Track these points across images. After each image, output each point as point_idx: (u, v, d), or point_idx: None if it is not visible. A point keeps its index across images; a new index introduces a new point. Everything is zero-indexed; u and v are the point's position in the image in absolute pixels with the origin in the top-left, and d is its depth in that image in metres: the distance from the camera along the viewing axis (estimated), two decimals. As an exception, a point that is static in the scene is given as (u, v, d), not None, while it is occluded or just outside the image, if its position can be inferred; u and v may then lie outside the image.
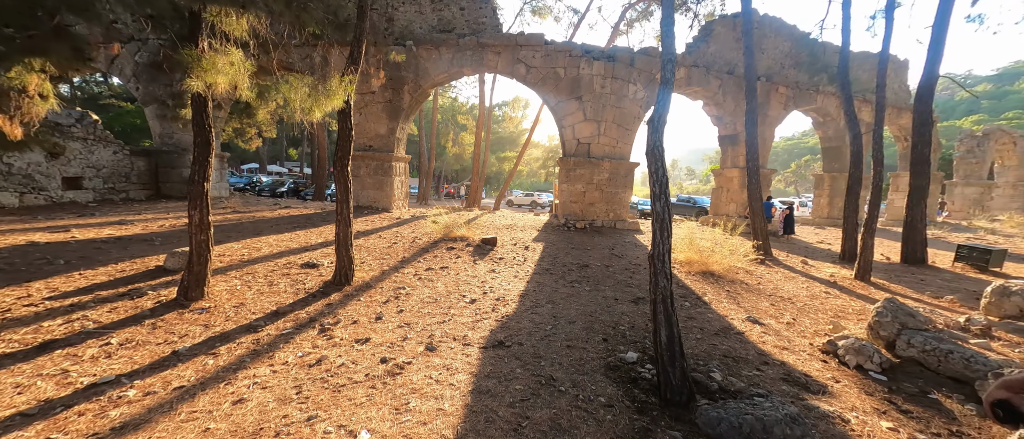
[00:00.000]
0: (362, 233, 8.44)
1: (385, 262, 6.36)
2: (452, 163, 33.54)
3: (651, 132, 3.33)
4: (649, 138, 3.33)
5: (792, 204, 12.48)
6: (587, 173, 11.12)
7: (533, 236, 9.28)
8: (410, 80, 11.35)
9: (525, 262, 6.99)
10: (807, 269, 7.82)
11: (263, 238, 7.26)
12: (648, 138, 3.35)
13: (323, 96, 4.24)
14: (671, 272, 3.06)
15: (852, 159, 8.77)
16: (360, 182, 11.67)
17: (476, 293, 5.13)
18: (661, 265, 2.99)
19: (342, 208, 4.95)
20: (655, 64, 11.55)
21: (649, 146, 3.31)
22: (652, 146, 3.29)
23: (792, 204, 12.48)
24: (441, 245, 7.71)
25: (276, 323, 3.84)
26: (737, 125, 13.42)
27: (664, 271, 2.98)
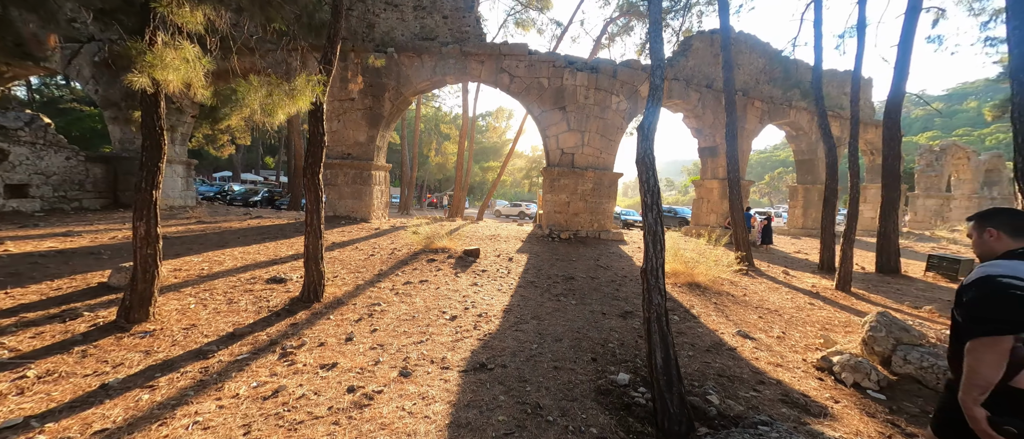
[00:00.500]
0: (338, 245, 7.99)
1: (360, 276, 5.96)
2: (435, 173, 33.09)
3: (641, 140, 3.15)
4: (639, 146, 3.14)
5: (770, 215, 12.68)
6: (571, 183, 10.99)
7: (517, 247, 9.01)
8: (391, 87, 11.03)
9: (509, 274, 6.70)
10: (789, 279, 7.81)
11: (227, 250, 6.73)
12: (638, 146, 3.16)
13: (286, 96, 3.89)
14: (665, 289, 2.84)
15: (828, 171, 8.92)
16: (337, 191, 11.18)
17: (457, 309, 4.81)
18: (655, 281, 2.76)
19: (312, 218, 4.57)
20: (637, 76, 11.62)
21: (640, 154, 3.12)
22: (643, 154, 3.09)
23: (770, 215, 12.68)
24: (421, 257, 7.34)
25: (231, 347, 3.42)
26: (716, 137, 13.63)
27: (658, 287, 2.75)
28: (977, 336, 1.37)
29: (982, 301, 1.39)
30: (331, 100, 11.05)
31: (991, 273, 1.39)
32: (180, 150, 12.22)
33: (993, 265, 1.43)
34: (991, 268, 1.42)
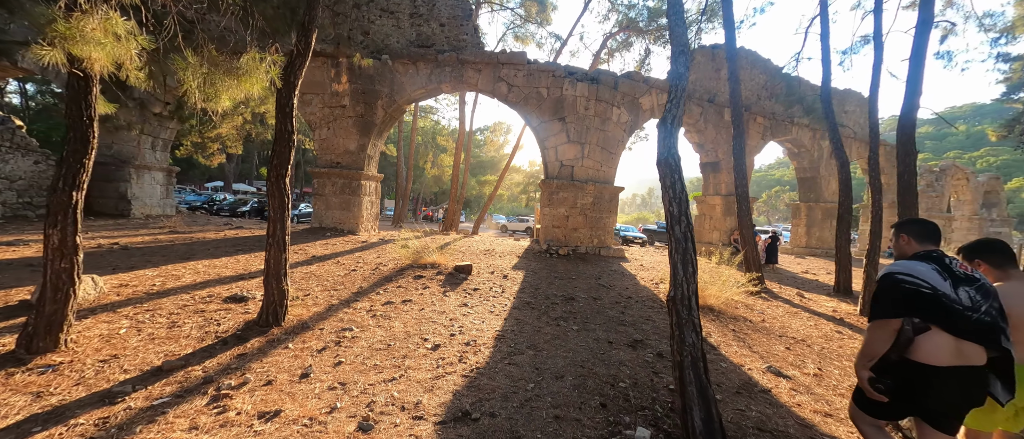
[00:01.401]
0: (318, 258, 7.30)
1: (336, 294, 5.26)
2: (431, 185, 32.51)
3: (664, 137, 2.55)
4: (661, 144, 2.55)
5: (775, 233, 12.12)
6: (570, 197, 10.41)
7: (513, 263, 8.35)
8: (384, 95, 10.52)
9: (503, 294, 6.02)
10: (806, 303, 7.17)
11: (191, 263, 6.02)
12: (660, 144, 2.57)
13: (229, 77, 3.28)
14: (700, 323, 2.19)
15: (841, 188, 8.40)
16: (325, 202, 10.54)
17: (441, 335, 4.11)
18: (687, 313, 2.12)
19: (275, 228, 3.91)
20: (639, 88, 11.21)
21: (662, 154, 2.52)
22: (666, 154, 2.50)
23: (775, 233, 12.12)
24: (408, 273, 6.66)
25: (152, 387, 2.71)
26: (718, 152, 13.19)
27: (692, 322, 2.11)
28: (874, 318, 1.66)
29: (881, 292, 1.67)
30: (322, 106, 10.53)
31: (891, 270, 1.69)
32: (161, 157, 11.58)
33: (895, 265, 1.72)
34: (893, 267, 1.70)
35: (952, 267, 1.67)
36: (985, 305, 1.59)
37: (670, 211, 2.37)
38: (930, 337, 1.59)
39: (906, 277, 1.63)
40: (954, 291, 1.60)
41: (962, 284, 1.62)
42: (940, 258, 1.69)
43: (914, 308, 1.60)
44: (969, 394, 1.58)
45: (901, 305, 1.61)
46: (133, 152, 10.71)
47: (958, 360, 1.55)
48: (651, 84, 11.44)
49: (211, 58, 3.28)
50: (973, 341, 1.56)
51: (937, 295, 1.58)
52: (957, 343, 1.56)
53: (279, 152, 3.92)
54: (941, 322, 1.57)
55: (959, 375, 1.55)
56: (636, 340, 4.42)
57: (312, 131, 10.80)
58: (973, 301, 1.59)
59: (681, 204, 2.36)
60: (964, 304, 1.58)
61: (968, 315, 1.56)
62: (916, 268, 1.66)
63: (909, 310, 1.60)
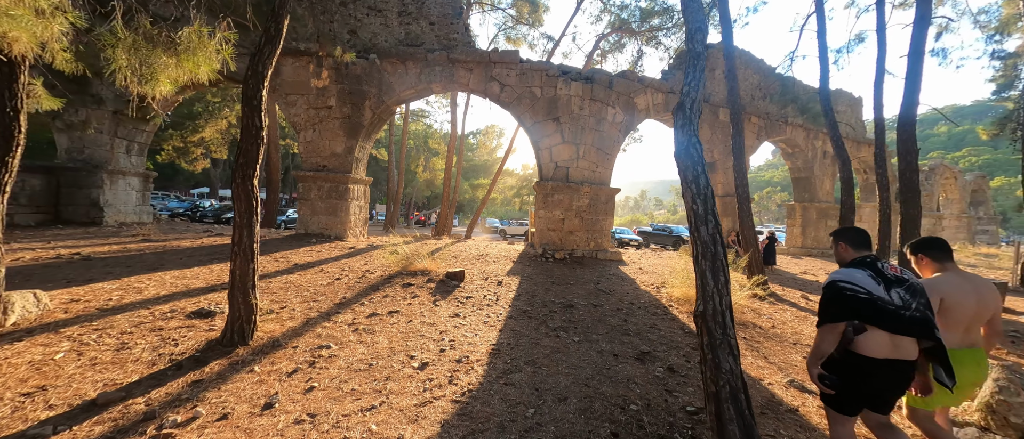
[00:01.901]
0: (301, 266, 6.83)
1: (316, 306, 4.81)
2: (423, 189, 31.98)
3: (682, 123, 2.19)
4: (680, 134, 2.18)
5: (772, 234, 11.89)
6: (566, 199, 10.06)
7: (507, 268, 7.95)
8: (372, 95, 10.10)
9: (498, 302, 5.62)
10: (812, 306, 6.88)
11: (158, 274, 5.52)
12: (678, 134, 2.21)
13: (167, 55, 2.85)
14: (737, 345, 1.81)
15: (843, 187, 8.15)
16: (310, 206, 10.05)
17: (430, 351, 3.70)
18: (722, 333, 1.76)
19: (241, 235, 3.47)
20: (634, 88, 10.94)
21: (681, 146, 2.16)
22: (686, 144, 2.13)
23: (772, 234, 11.89)
24: (396, 281, 6.22)
25: (79, 427, 2.26)
26: (714, 152, 12.97)
27: (727, 343, 1.75)
28: (822, 323, 1.85)
29: (826, 300, 1.86)
30: (307, 108, 10.07)
31: (834, 279, 1.87)
32: (137, 161, 11.00)
33: (837, 273, 1.90)
34: (835, 275, 1.89)
35: (884, 271, 1.84)
36: (914, 303, 1.78)
37: (694, 210, 2.01)
38: (869, 335, 1.77)
39: (846, 285, 1.81)
40: (887, 293, 1.78)
41: (893, 286, 1.80)
42: (873, 263, 1.87)
43: (855, 312, 1.77)
44: (902, 383, 1.79)
45: (844, 311, 1.78)
46: (106, 156, 10.12)
47: (894, 354, 1.75)
48: (646, 83, 11.18)
49: (146, 33, 2.82)
50: (907, 335, 1.75)
51: (872, 299, 1.76)
52: (892, 338, 1.75)
53: (246, 150, 3.49)
54: (877, 322, 1.75)
55: (895, 366, 1.75)
56: (643, 352, 4.04)
57: (297, 133, 10.33)
58: (903, 300, 1.77)
59: (706, 201, 2.00)
60: (896, 304, 1.76)
61: (901, 313, 1.74)
62: (854, 275, 1.83)
63: (851, 314, 1.78)
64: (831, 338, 1.82)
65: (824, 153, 15.87)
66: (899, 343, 1.76)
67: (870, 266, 1.86)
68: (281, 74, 10.03)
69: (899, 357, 1.76)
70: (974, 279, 2.15)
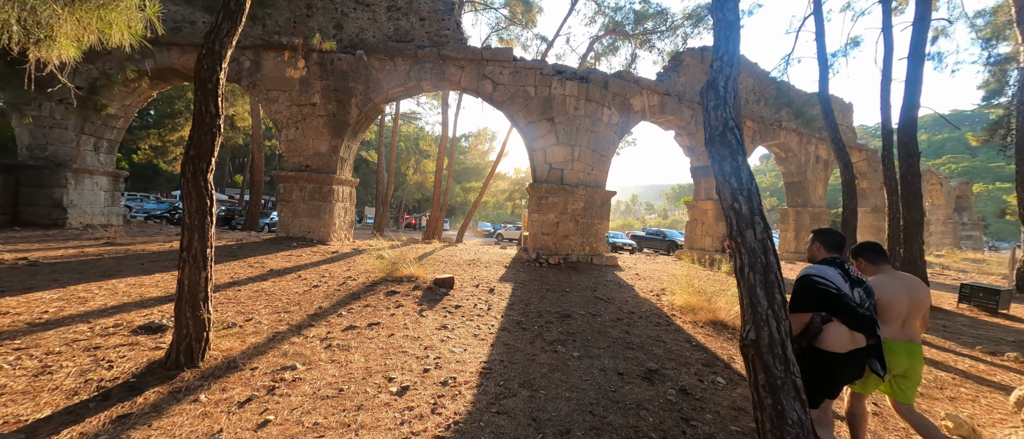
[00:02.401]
0: (277, 272, 6.29)
1: (287, 317, 4.30)
2: (413, 192, 31.34)
3: (715, 105, 1.82)
4: (714, 115, 1.79)
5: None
6: (561, 201, 9.66)
7: (499, 274, 7.50)
8: (359, 92, 9.61)
9: (489, 311, 5.17)
10: (818, 314, 6.57)
11: (112, 282, 4.95)
12: (710, 116, 1.81)
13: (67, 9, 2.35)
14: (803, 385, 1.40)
15: (845, 190, 7.91)
16: (291, 208, 9.48)
17: (412, 372, 3.23)
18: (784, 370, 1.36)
19: (191, 239, 2.97)
20: (630, 89, 10.64)
21: (716, 131, 1.76)
22: (722, 130, 1.74)
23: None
24: (379, 289, 5.73)
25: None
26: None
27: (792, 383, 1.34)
28: (793, 312, 1.97)
29: (798, 291, 2.01)
30: (290, 105, 9.53)
31: (807, 273, 2.03)
32: (105, 160, 10.30)
33: (810, 268, 2.07)
34: (808, 269, 2.05)
35: (849, 271, 2.01)
36: (868, 302, 1.97)
37: (734, 209, 1.61)
38: (832, 328, 1.92)
39: (819, 279, 1.96)
40: (851, 291, 1.94)
41: (856, 285, 1.98)
42: (842, 264, 2.05)
43: (822, 304, 1.93)
44: (857, 371, 1.99)
45: (815, 302, 1.93)
46: (71, 154, 9.43)
47: (852, 345, 1.94)
48: (642, 84, 10.90)
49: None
50: (861, 331, 1.93)
51: (840, 294, 1.91)
52: (851, 333, 1.91)
53: (199, 141, 3.00)
54: (841, 316, 1.90)
55: (854, 357, 1.94)
56: (651, 370, 3.63)
57: (278, 131, 9.78)
58: (862, 299, 1.96)
59: (751, 199, 1.61)
60: (857, 301, 1.93)
61: (858, 310, 1.92)
62: (826, 272, 1.98)
63: (820, 306, 1.93)
64: (797, 325, 1.96)
65: (817, 158, 15.80)
66: (855, 337, 1.95)
67: (839, 266, 2.05)
68: (262, 69, 9.49)
69: (857, 346, 1.96)
70: (906, 278, 2.37)
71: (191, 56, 9.43)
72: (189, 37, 9.38)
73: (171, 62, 9.45)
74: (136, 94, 10.12)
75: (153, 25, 2.64)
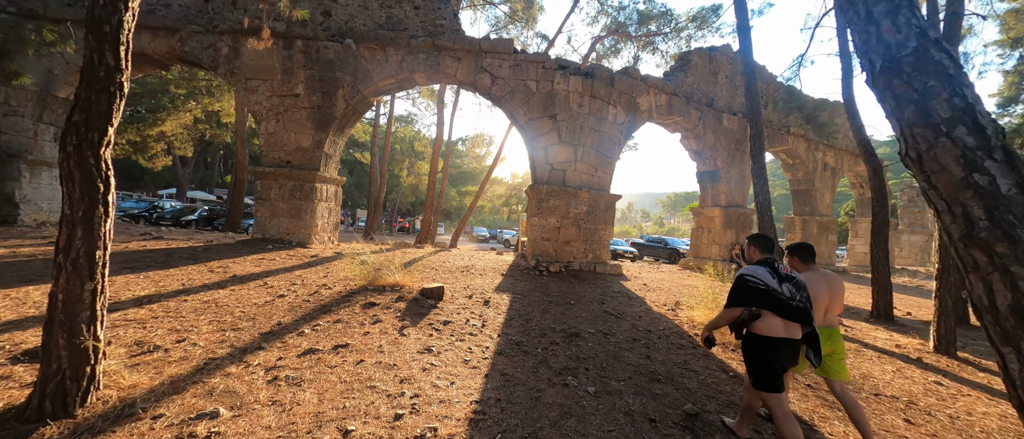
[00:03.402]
0: (240, 279, 5.42)
1: (232, 337, 3.44)
2: (408, 194, 30.42)
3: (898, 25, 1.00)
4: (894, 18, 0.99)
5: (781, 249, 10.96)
6: (563, 205, 8.88)
7: (496, 283, 6.67)
8: (346, 83, 8.81)
9: (484, 329, 4.34)
10: (856, 334, 5.80)
11: (25, 289, 4.07)
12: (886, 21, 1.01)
13: None
14: None
15: (874, 196, 7.20)
16: (269, 207, 8.61)
17: (380, 419, 2.39)
18: None
19: (71, 237, 2.12)
20: (636, 87, 9.94)
21: (910, 37, 0.96)
22: (921, 31, 0.94)
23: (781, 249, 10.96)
24: (357, 300, 4.89)
25: None
26: (718, 160, 12.05)
27: None
28: (729, 306, 2.30)
29: (735, 288, 2.29)
30: (271, 95, 8.71)
31: (742, 273, 2.30)
32: (68, 151, 9.36)
33: (744, 269, 2.33)
34: (743, 270, 2.33)
35: (778, 270, 2.28)
36: (799, 295, 2.22)
37: (966, 156, 0.82)
38: (766, 318, 2.19)
39: (751, 278, 2.24)
40: (780, 286, 2.20)
41: (785, 281, 2.24)
42: (772, 263, 2.32)
43: (753, 300, 2.20)
44: (791, 357, 2.21)
45: (748, 298, 2.22)
46: (27, 144, 8.52)
47: (786, 333, 2.18)
48: (650, 83, 10.21)
49: None
50: (794, 321, 2.19)
51: (769, 289, 2.19)
52: (785, 323, 2.18)
53: (87, 102, 2.16)
54: (772, 308, 2.17)
55: (788, 344, 2.19)
56: (689, 414, 2.81)
57: (257, 124, 8.93)
58: (791, 293, 2.21)
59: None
60: (786, 296, 2.19)
61: (790, 303, 2.17)
62: (757, 271, 2.26)
63: (750, 301, 2.21)
64: (729, 317, 2.30)
65: (824, 165, 15.20)
66: (789, 327, 2.19)
67: (769, 265, 2.30)
68: (241, 56, 8.67)
69: (790, 336, 2.19)
70: (827, 275, 2.73)
71: (164, 41, 8.60)
72: (162, 20, 8.56)
73: (142, 47, 8.59)
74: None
75: None
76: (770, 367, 2.17)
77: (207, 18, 8.85)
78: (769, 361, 2.17)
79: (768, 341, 2.16)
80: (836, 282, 2.72)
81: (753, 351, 2.23)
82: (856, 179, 17.41)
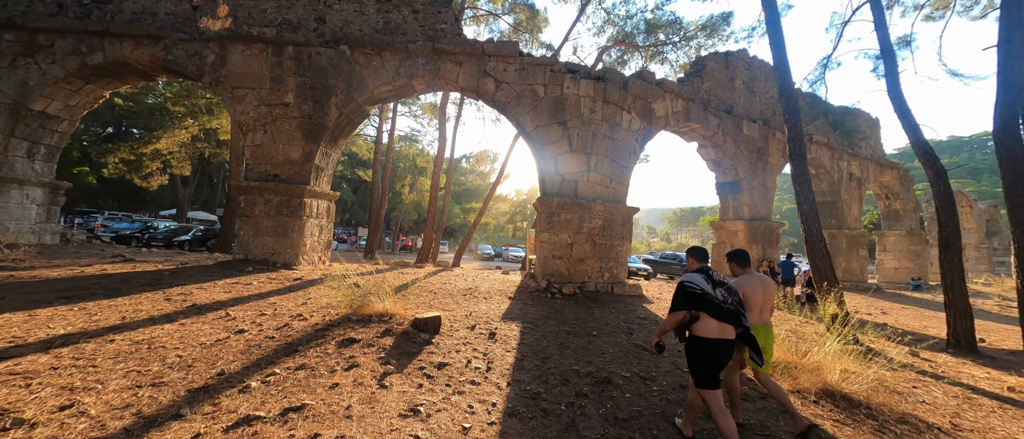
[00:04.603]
0: (198, 309, 4.50)
1: (147, 396, 2.50)
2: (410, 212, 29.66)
3: None
4: None
5: (817, 264, 9.86)
6: (575, 219, 7.95)
7: (503, 310, 5.69)
8: (339, 91, 8.10)
9: (489, 375, 3.36)
10: (944, 370, 4.69)
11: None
12: None
13: None
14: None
15: (940, 204, 6.18)
16: (253, 225, 7.77)
17: None
18: None
19: None
20: (651, 91, 9.15)
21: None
22: None
23: (817, 264, 9.86)
24: (334, 335, 3.94)
25: None
26: (739, 170, 11.13)
27: None
28: (671, 311, 2.52)
29: (676, 295, 2.51)
30: (258, 105, 8.01)
31: (682, 280, 2.54)
32: (42, 168, 8.68)
33: (684, 276, 2.58)
34: (683, 277, 2.57)
35: (713, 276, 2.51)
36: (730, 299, 2.45)
37: None
38: (704, 321, 2.40)
39: (690, 284, 2.48)
40: (714, 291, 2.43)
41: (718, 286, 2.46)
42: (707, 270, 2.56)
43: (693, 303, 2.43)
44: (727, 356, 2.43)
45: (687, 302, 2.44)
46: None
47: (721, 334, 2.40)
48: (665, 88, 9.42)
49: None
50: (727, 322, 2.40)
51: (704, 294, 2.41)
52: (719, 324, 2.39)
53: None
54: (707, 311, 2.39)
55: (724, 344, 2.41)
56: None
57: (243, 135, 8.21)
58: (723, 296, 2.43)
59: None
60: (719, 299, 2.41)
61: (721, 305, 2.40)
62: (695, 278, 2.50)
63: (690, 305, 2.43)
64: (673, 320, 2.50)
65: (850, 175, 14.19)
66: (723, 327, 2.40)
67: (705, 273, 2.54)
68: (227, 63, 8.02)
69: (724, 337, 2.40)
70: (760, 277, 2.98)
71: (147, 49, 7.99)
72: (145, 27, 7.98)
73: (124, 56, 7.99)
74: (83, 93, 8.62)
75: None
76: (709, 365, 2.38)
77: (194, 26, 8.26)
78: (708, 360, 2.38)
79: (706, 342, 2.39)
80: (768, 284, 2.97)
81: (693, 352, 2.44)
82: (882, 190, 16.35)
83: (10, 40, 7.86)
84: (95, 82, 8.53)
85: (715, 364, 2.36)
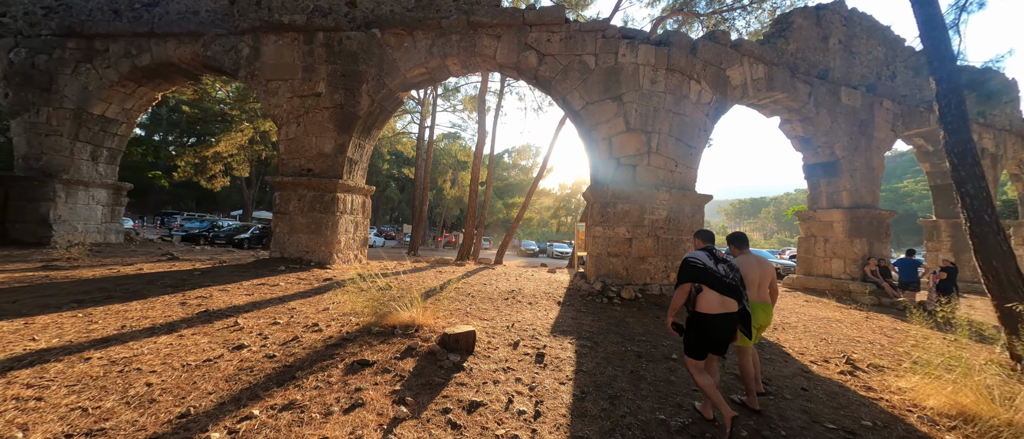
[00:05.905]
0: (210, 316, 3.96)
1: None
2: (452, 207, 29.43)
3: None
4: None
5: (954, 265, 7.68)
6: (634, 210, 6.66)
7: (551, 318, 4.64)
8: (371, 77, 7.47)
9: (539, 426, 2.37)
10: None
11: None
12: None
13: None
14: None
15: None
16: (288, 222, 7.40)
17: None
18: None
19: None
20: (725, 55, 7.54)
21: None
22: None
23: (954, 265, 7.68)
24: (343, 355, 3.14)
25: None
26: (836, 148, 9.06)
27: None
28: (677, 286, 2.63)
29: (681, 270, 2.63)
30: (291, 96, 7.62)
31: (686, 257, 2.65)
32: (105, 170, 9.02)
33: (688, 254, 2.68)
34: (687, 254, 2.67)
35: (715, 253, 2.65)
36: (731, 274, 2.57)
37: None
38: (705, 294, 2.53)
39: (693, 260, 2.60)
40: (716, 266, 2.56)
41: (720, 262, 2.59)
42: (710, 250, 2.69)
43: (696, 277, 2.55)
44: (729, 331, 2.55)
45: (691, 275, 2.56)
46: (64, 163, 8.17)
47: (722, 308, 2.51)
48: (743, 50, 7.75)
49: None
50: (728, 296, 2.52)
51: (706, 268, 2.54)
52: (720, 298, 2.51)
53: None
54: (709, 283, 2.52)
55: (726, 318, 2.52)
56: None
57: (278, 129, 7.86)
58: (725, 271, 2.55)
59: None
60: (721, 274, 2.54)
61: (723, 279, 2.52)
62: (698, 255, 2.63)
63: (693, 278, 2.55)
64: (681, 296, 2.60)
65: (982, 150, 11.26)
66: (725, 301, 2.51)
67: (708, 251, 2.67)
68: (261, 55, 7.70)
69: (726, 311, 2.51)
70: (758, 257, 3.06)
71: (188, 47, 7.90)
72: (186, 26, 7.88)
73: (168, 55, 7.97)
74: (136, 96, 8.82)
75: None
76: (704, 339, 2.52)
77: (232, 21, 8.06)
78: (702, 334, 2.52)
79: (708, 317, 2.51)
80: (765, 263, 3.03)
81: (694, 325, 2.56)
82: (1019, 169, 12.96)
83: (73, 48, 8.15)
84: (146, 84, 8.66)
85: (707, 340, 2.52)
